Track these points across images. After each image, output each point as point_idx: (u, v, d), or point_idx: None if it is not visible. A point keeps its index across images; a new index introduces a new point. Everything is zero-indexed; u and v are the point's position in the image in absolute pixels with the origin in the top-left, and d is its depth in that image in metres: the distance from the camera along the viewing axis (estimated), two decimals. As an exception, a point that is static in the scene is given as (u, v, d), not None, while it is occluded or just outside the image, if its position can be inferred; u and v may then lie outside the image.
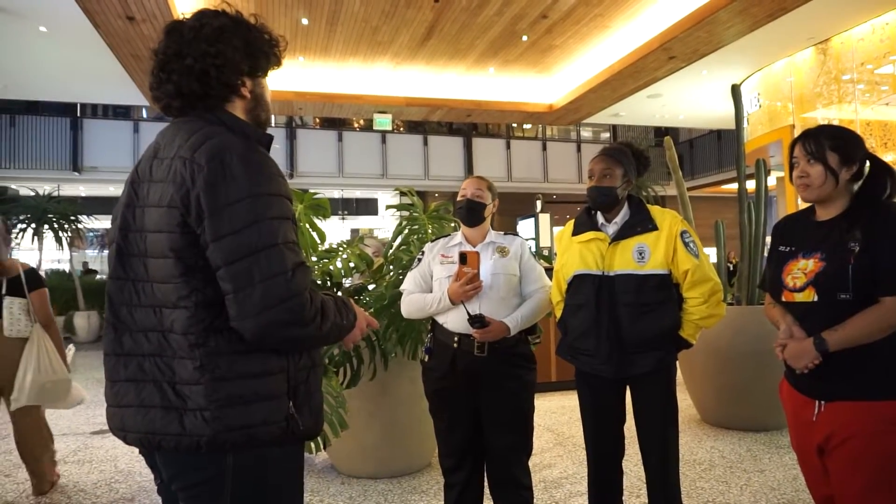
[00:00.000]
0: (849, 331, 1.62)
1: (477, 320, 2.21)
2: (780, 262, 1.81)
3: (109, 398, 1.28)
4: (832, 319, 1.65)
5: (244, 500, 1.22)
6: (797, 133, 9.01)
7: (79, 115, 14.72)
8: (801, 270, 1.73)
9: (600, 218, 2.34)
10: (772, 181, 10.97)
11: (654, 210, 2.30)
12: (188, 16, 1.31)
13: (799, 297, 1.72)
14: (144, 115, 15.94)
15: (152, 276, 1.21)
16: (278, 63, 1.40)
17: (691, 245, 2.21)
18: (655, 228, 2.23)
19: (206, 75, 1.25)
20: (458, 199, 2.46)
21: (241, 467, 1.20)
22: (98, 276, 15.49)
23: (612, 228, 2.29)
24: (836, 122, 8.78)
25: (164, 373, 1.19)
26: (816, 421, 1.70)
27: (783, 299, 1.78)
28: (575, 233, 2.37)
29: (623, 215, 2.30)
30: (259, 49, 1.34)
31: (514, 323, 2.28)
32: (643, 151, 2.40)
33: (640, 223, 2.25)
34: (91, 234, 16.80)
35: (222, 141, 1.20)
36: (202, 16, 1.30)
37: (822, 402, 1.69)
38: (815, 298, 1.68)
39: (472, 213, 2.42)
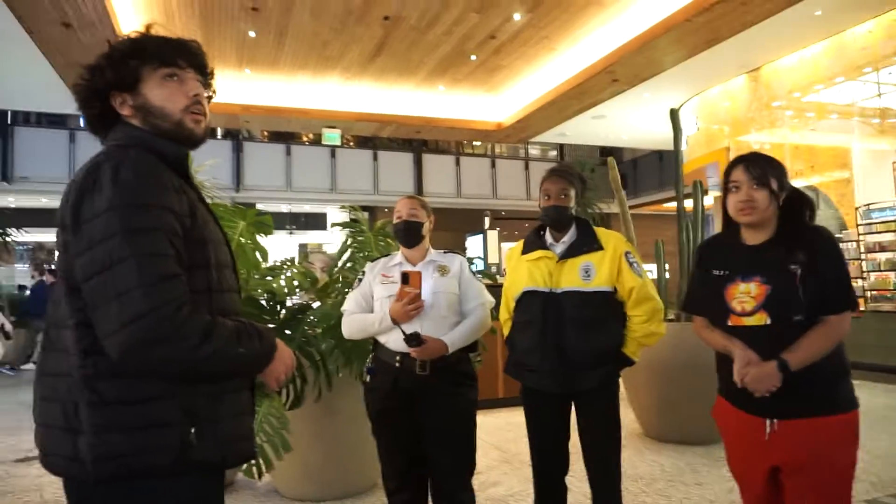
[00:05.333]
0: (805, 351, 1.66)
1: (413, 338, 2.21)
2: (718, 286, 1.82)
3: (34, 417, 1.26)
4: (784, 342, 1.67)
5: None
6: (732, 156, 9.43)
7: (9, 122, 14.01)
8: (745, 294, 1.74)
9: (549, 238, 2.40)
10: (709, 200, 11.42)
11: (600, 231, 2.39)
12: None
13: (749, 321, 1.73)
14: (81, 124, 15.30)
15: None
16: (161, 59, 1.27)
17: (635, 265, 2.30)
18: (601, 248, 2.31)
19: (81, 100, 1.29)
20: (395, 220, 2.47)
21: (129, 502, 1.14)
22: (27, 293, 14.71)
23: (560, 248, 2.36)
24: (767, 146, 9.26)
25: (73, 393, 1.15)
26: (769, 441, 1.71)
27: (730, 323, 1.78)
28: (525, 251, 2.43)
29: (571, 235, 2.37)
30: (118, 59, 1.26)
31: (451, 340, 2.28)
32: (583, 176, 2.49)
33: (587, 243, 2.32)
34: (20, 247, 15.97)
35: (104, 156, 1.18)
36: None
37: (775, 421, 1.71)
38: (768, 322, 1.70)
39: (409, 234, 2.43)
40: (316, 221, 18.47)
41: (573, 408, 2.37)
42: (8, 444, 5.09)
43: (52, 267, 11.09)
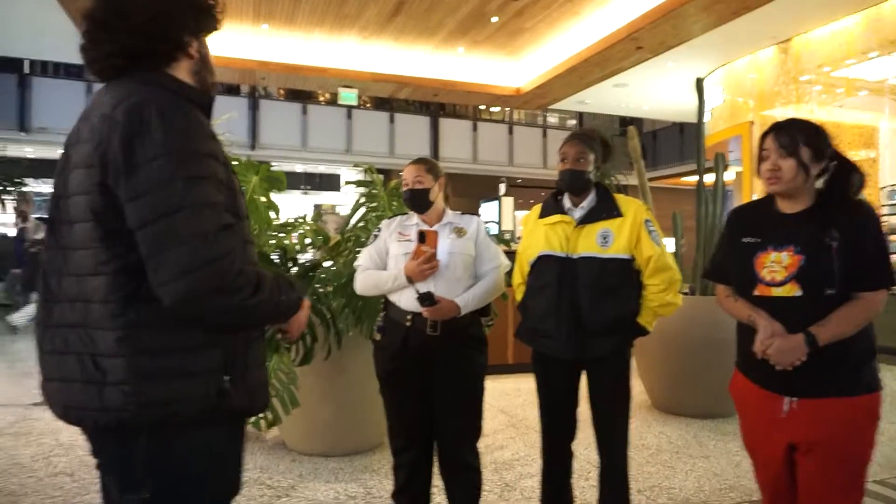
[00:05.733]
0: (836, 326, 1.60)
1: (426, 298, 2.19)
2: (747, 253, 1.76)
3: (40, 370, 1.24)
4: (815, 315, 1.62)
5: (166, 484, 1.16)
6: (756, 130, 9.19)
7: (27, 72, 13.99)
8: (776, 264, 1.69)
9: (567, 202, 2.35)
10: (730, 176, 11.23)
11: (620, 198, 2.33)
12: None
13: (778, 292, 1.68)
14: (99, 76, 15.24)
15: (75, 242, 1.16)
16: (218, 25, 1.35)
17: (654, 234, 2.26)
18: (620, 215, 2.26)
19: (152, 30, 1.21)
20: (402, 189, 2.44)
21: (163, 448, 1.15)
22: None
23: (578, 213, 2.31)
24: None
25: (87, 344, 1.13)
26: (787, 418, 1.68)
27: (756, 293, 1.73)
28: (542, 215, 2.39)
29: (590, 201, 2.32)
30: (204, 5, 1.30)
31: (464, 302, 2.26)
32: (607, 140, 2.42)
33: (606, 209, 2.28)
34: (39, 198, 16.13)
35: (144, 97, 1.14)
36: None
37: (794, 399, 1.67)
38: (799, 293, 1.65)
39: (415, 202, 2.40)
40: (330, 182, 18.42)
41: (584, 374, 2.35)
42: (26, 387, 5.20)
43: (41, 216, 11.15)
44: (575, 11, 8.75)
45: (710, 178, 5.03)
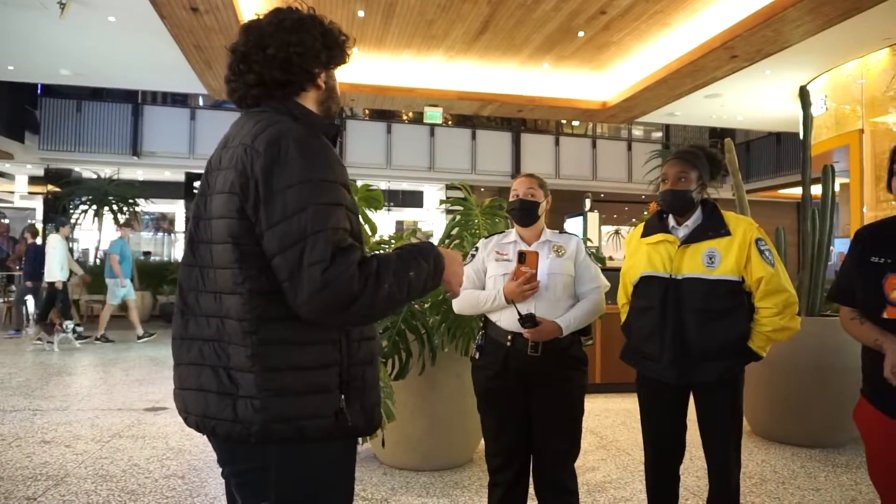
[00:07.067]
0: None
1: (528, 320, 2.18)
2: (877, 274, 1.68)
3: (175, 380, 1.33)
4: None
5: (287, 496, 1.22)
6: (867, 138, 8.51)
7: (139, 101, 15.24)
8: None
9: (671, 221, 2.29)
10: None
11: (729, 216, 2.24)
12: (262, 16, 1.37)
13: None
14: (201, 103, 16.37)
15: (215, 262, 1.24)
16: (347, 58, 1.44)
17: (767, 253, 2.14)
18: (728, 234, 2.17)
19: (288, 63, 1.30)
20: (511, 198, 2.44)
21: (285, 461, 1.20)
22: (152, 258, 16.12)
23: (682, 231, 2.25)
24: (908, 128, 8.35)
25: (221, 357, 1.21)
26: None
27: (885, 316, 1.65)
28: (644, 234, 2.34)
29: (696, 219, 2.25)
30: (334, 41, 1.39)
31: (566, 323, 2.24)
32: (715, 154, 2.33)
33: (713, 227, 2.20)
34: (147, 216, 17.47)
35: (281, 128, 1.22)
36: (279, 12, 1.36)
37: None
38: None
39: (525, 213, 2.39)
40: (412, 199, 18.79)
41: (692, 398, 2.27)
42: (140, 393, 5.61)
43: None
44: (665, 22, 8.53)
45: (815, 191, 4.74)
